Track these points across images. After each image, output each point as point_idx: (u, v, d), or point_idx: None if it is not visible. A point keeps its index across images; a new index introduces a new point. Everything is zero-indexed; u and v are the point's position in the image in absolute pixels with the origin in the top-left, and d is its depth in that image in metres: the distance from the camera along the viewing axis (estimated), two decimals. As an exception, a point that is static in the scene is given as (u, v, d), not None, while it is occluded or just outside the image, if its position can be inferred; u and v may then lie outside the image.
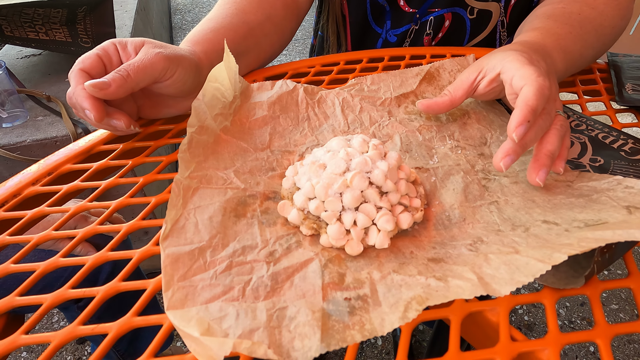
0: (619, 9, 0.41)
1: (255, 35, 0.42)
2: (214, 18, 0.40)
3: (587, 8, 0.40)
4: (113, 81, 0.28)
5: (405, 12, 0.48)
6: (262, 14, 0.43)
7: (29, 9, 0.87)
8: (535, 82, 0.25)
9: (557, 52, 0.35)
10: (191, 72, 0.33)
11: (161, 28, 2.49)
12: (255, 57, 0.43)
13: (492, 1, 0.46)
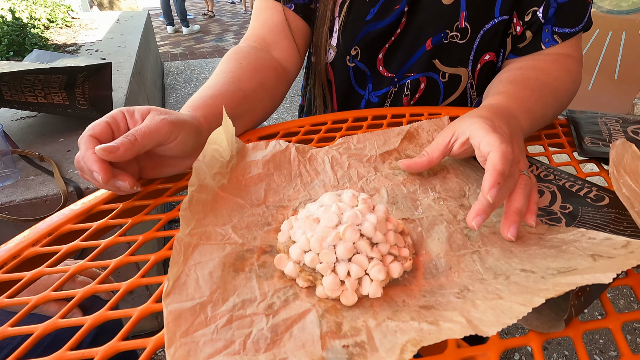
0: (570, 75, 0.47)
1: (249, 101, 0.46)
2: (212, 86, 0.43)
3: (543, 74, 0.46)
4: (122, 145, 0.30)
5: (385, 76, 0.54)
6: (256, 82, 0.47)
7: (30, 76, 0.92)
8: (499, 148, 0.29)
9: (521, 113, 0.39)
10: (192, 135, 0.35)
11: (154, 89, 2.61)
12: (250, 120, 0.47)
13: (460, 67, 0.52)
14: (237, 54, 0.49)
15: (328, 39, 0.53)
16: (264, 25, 0.52)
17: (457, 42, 0.50)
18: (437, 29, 0.49)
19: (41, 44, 1.71)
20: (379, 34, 0.50)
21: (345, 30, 0.51)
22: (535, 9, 0.47)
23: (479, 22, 0.49)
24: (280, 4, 0.51)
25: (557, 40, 0.48)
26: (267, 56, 0.51)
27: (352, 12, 0.50)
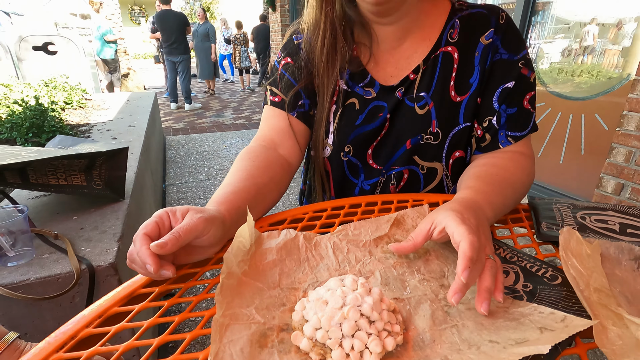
0: (523, 171, 0.58)
1: (262, 193, 0.55)
2: (232, 183, 0.52)
3: (502, 171, 0.56)
4: (169, 241, 0.37)
5: (374, 168, 0.65)
6: (267, 177, 0.57)
7: (56, 161, 1.02)
8: (467, 238, 0.37)
9: (486, 204, 0.48)
10: (220, 228, 0.43)
11: (157, 164, 2.75)
12: (263, 209, 0.55)
13: (436, 162, 0.63)
14: (250, 154, 0.60)
15: (325, 138, 0.64)
16: (272, 128, 0.64)
17: (431, 143, 0.61)
18: (414, 133, 0.61)
19: (58, 125, 1.85)
20: (367, 135, 0.62)
21: (339, 132, 0.63)
22: (490, 118, 0.60)
23: (447, 127, 0.61)
24: (285, 112, 0.63)
25: (510, 141, 0.60)
26: (275, 154, 0.62)
27: (344, 118, 0.63)
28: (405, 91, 0.62)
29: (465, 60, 0.60)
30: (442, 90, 0.61)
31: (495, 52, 0.59)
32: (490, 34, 0.59)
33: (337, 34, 0.60)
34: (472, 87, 0.60)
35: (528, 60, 0.60)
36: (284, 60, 0.66)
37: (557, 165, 2.06)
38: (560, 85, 2.00)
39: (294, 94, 0.63)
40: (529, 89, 0.60)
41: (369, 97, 0.63)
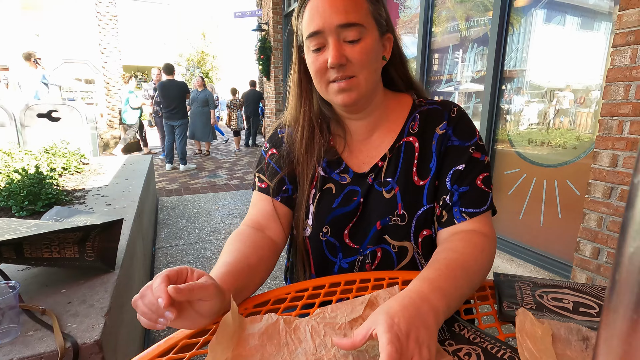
0: (476, 248, 0.59)
1: (253, 274, 0.60)
2: (227, 263, 0.58)
3: (456, 254, 0.57)
4: (185, 288, 0.43)
5: (352, 247, 0.71)
6: (257, 258, 0.62)
7: (51, 234, 1.06)
8: (386, 350, 0.37)
9: (434, 293, 0.48)
10: (221, 302, 0.49)
11: (149, 227, 2.76)
12: (253, 287, 0.61)
13: (405, 241, 0.69)
14: (241, 236, 0.66)
15: (305, 219, 0.71)
16: (259, 212, 0.71)
17: (399, 224, 0.68)
18: (383, 215, 0.68)
19: (54, 192, 1.91)
20: (343, 217, 0.69)
21: (318, 214, 0.70)
22: (445, 197, 0.67)
23: (412, 209, 0.68)
24: (270, 197, 0.71)
25: (465, 217, 0.64)
26: (263, 235, 0.68)
27: (322, 201, 0.70)
28: (375, 177, 0.70)
29: (425, 149, 0.69)
30: (406, 175, 0.69)
31: (448, 140, 0.68)
32: (444, 126, 0.68)
33: (314, 128, 0.70)
34: (432, 171, 0.68)
35: (480, 145, 0.68)
36: (270, 151, 0.75)
37: (538, 228, 2.13)
38: (532, 152, 2.16)
39: (279, 181, 0.72)
40: (482, 170, 0.66)
41: (344, 182, 0.71)
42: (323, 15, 0.60)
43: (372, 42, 0.62)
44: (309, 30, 0.62)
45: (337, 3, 0.60)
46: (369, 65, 0.63)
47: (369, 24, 0.62)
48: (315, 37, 0.62)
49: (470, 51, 2.61)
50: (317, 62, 0.63)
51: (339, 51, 0.60)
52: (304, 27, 0.63)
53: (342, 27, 0.60)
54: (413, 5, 3.10)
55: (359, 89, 0.64)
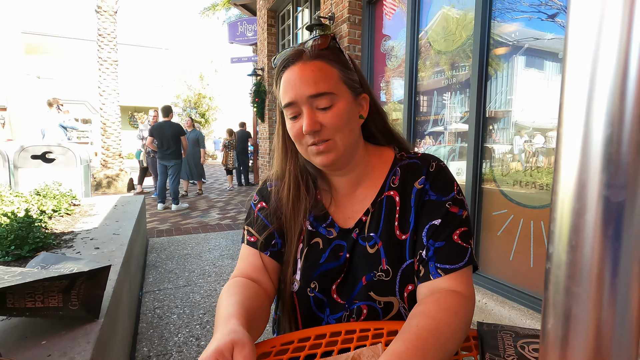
0: (449, 311, 0.57)
1: (255, 320, 0.61)
2: (234, 315, 0.56)
3: (423, 319, 0.55)
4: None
5: (339, 303, 0.71)
6: (257, 304, 0.64)
7: (36, 283, 1.04)
8: None
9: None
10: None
11: (137, 270, 2.71)
12: (256, 334, 0.61)
13: (391, 296, 0.69)
14: (238, 283, 0.67)
15: (293, 274, 0.72)
16: (249, 266, 0.72)
17: (383, 279, 0.68)
18: (368, 270, 0.69)
19: (42, 236, 1.89)
20: (331, 272, 0.70)
21: (306, 269, 0.71)
22: (421, 252, 0.67)
23: (396, 264, 0.69)
24: (259, 251, 0.72)
25: (440, 273, 0.63)
26: (257, 286, 0.69)
27: (310, 256, 0.72)
28: (359, 232, 0.72)
29: (405, 202, 0.71)
30: (388, 229, 0.70)
31: (425, 194, 0.69)
32: (422, 180, 0.70)
33: (300, 185, 0.73)
34: (411, 225, 0.69)
35: (458, 200, 0.68)
36: (259, 204, 0.78)
37: (528, 269, 2.14)
38: (518, 192, 2.22)
39: (268, 235, 0.73)
40: (459, 225, 0.66)
41: (331, 237, 0.73)
42: (294, 88, 0.64)
43: (344, 106, 0.66)
44: (284, 100, 0.66)
45: (307, 75, 0.64)
46: (343, 127, 0.66)
47: (340, 90, 0.66)
48: (290, 107, 0.66)
49: (455, 94, 2.75)
50: (294, 128, 0.67)
51: (312, 119, 0.64)
52: (280, 97, 0.68)
53: (313, 97, 0.64)
54: (399, 55, 3.30)
55: (336, 150, 0.67)
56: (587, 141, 0.16)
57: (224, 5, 14.50)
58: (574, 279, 0.17)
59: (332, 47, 0.68)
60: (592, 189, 0.17)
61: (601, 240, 0.17)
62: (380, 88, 3.60)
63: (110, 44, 8.13)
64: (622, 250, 0.17)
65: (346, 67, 0.68)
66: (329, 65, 0.66)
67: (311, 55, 0.66)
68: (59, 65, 18.56)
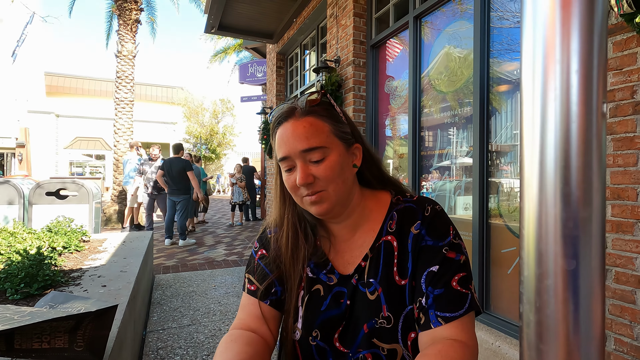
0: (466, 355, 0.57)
1: None
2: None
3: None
4: None
5: (342, 351, 0.69)
6: (252, 352, 0.63)
7: (44, 323, 1.05)
8: None
9: None
10: None
11: (142, 308, 2.68)
12: None
13: (394, 343, 0.67)
14: (235, 341, 0.66)
15: (294, 323, 0.72)
16: (249, 315, 0.73)
17: (385, 326, 0.67)
18: (369, 318, 0.68)
19: (51, 274, 1.91)
20: (332, 320, 0.70)
21: (307, 318, 0.71)
22: (421, 299, 0.65)
23: (397, 310, 0.67)
24: (258, 300, 0.73)
25: (440, 321, 0.61)
26: (256, 336, 0.69)
27: (311, 304, 0.72)
28: (359, 277, 0.71)
29: (403, 247, 0.70)
30: (387, 275, 0.69)
31: (422, 239, 0.68)
32: (418, 225, 0.69)
33: (298, 234, 0.74)
34: (409, 271, 0.69)
35: (454, 244, 0.67)
36: (259, 252, 0.79)
37: (505, 275, 2.07)
38: (527, 230, 2.19)
39: (268, 284, 0.74)
40: (458, 270, 0.65)
41: (331, 284, 0.72)
42: (287, 143, 0.67)
43: (336, 158, 0.68)
44: (279, 155, 0.70)
45: (299, 131, 0.66)
46: (335, 178, 0.67)
47: (332, 143, 0.68)
48: (285, 161, 0.68)
49: (459, 129, 2.81)
50: (289, 181, 0.69)
51: (305, 172, 0.66)
52: (276, 150, 0.71)
53: (305, 152, 0.66)
54: (403, 94, 3.42)
55: (329, 200, 0.68)
56: (544, 219, 0.19)
57: (235, 49, 15.30)
58: (542, 337, 0.19)
59: (324, 103, 0.71)
60: (550, 258, 0.19)
61: (562, 302, 0.19)
62: (385, 126, 3.70)
63: (128, 85, 8.57)
64: (580, 311, 0.19)
65: (337, 121, 0.71)
66: (320, 121, 0.68)
67: (303, 112, 0.68)
68: (76, 104, 19.46)
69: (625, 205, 1.52)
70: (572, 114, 0.19)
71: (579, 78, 0.19)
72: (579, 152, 0.18)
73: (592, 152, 0.18)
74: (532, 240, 0.20)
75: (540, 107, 0.20)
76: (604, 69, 0.20)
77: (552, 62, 0.20)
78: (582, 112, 0.19)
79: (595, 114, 0.19)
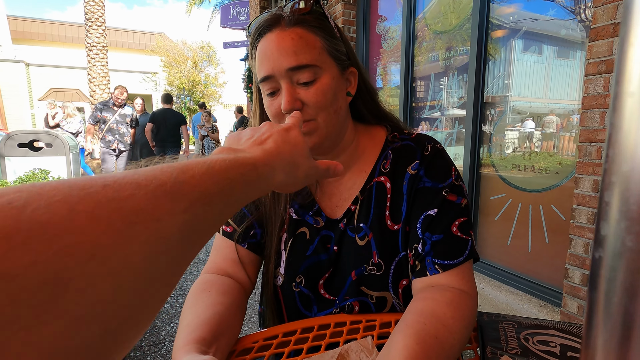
0: (455, 314, 0.50)
1: (226, 320, 0.54)
2: (193, 324, 0.51)
3: (439, 325, 0.48)
4: None
5: (327, 299, 0.64)
6: (228, 302, 0.57)
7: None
8: None
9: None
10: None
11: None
12: (231, 336, 0.55)
13: (384, 291, 0.62)
14: (207, 289, 0.59)
15: (277, 268, 0.66)
16: (225, 259, 0.66)
17: (375, 273, 0.62)
18: (358, 264, 0.62)
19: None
20: (318, 266, 0.64)
21: (290, 262, 0.65)
22: (416, 246, 0.59)
23: (389, 257, 0.62)
24: (235, 243, 0.66)
25: (438, 269, 0.56)
26: (232, 281, 0.63)
27: (295, 248, 0.65)
28: (347, 222, 0.64)
29: (397, 190, 0.63)
30: (379, 220, 0.63)
31: (419, 181, 0.62)
32: (416, 165, 0.62)
33: None
34: (403, 215, 0.62)
35: (456, 186, 0.61)
36: None
37: (526, 254, 2.11)
38: (517, 177, 2.17)
39: (247, 226, 0.66)
40: (458, 215, 0.59)
41: (318, 226, 0.66)
42: (271, 59, 0.56)
43: (329, 82, 0.58)
44: (260, 75, 0.58)
45: (286, 45, 0.55)
46: (328, 106, 0.58)
47: (325, 63, 0.57)
48: (267, 81, 0.58)
49: (452, 79, 2.67)
50: (272, 106, 0.59)
51: (292, 96, 0.56)
52: (256, 70, 0.59)
53: (293, 70, 0.55)
54: (395, 36, 3.20)
55: (319, 133, 0.58)
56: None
57: (216, -12, 14.11)
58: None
59: (315, 12, 0.59)
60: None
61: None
62: (375, 71, 3.50)
63: (99, 29, 7.91)
64: None
65: (331, 36, 0.59)
66: (311, 33, 0.57)
67: (290, 21, 0.57)
68: (48, 52, 18.14)
69: None
70: None
71: None
72: None
73: None
74: None
75: None
76: None
77: None
78: None
79: None
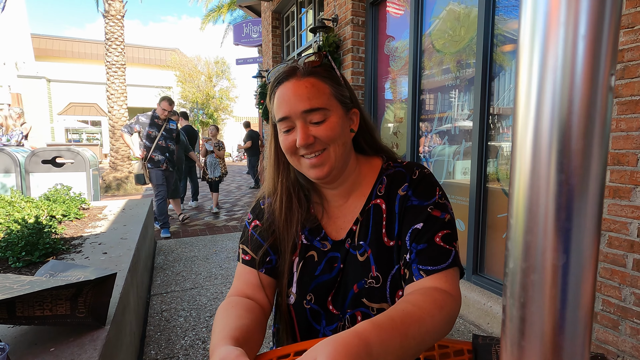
0: (435, 303, 0.56)
1: (251, 335, 0.61)
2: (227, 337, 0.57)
3: (410, 305, 0.55)
4: None
5: (334, 313, 0.73)
6: (250, 319, 0.64)
7: (45, 291, 1.07)
8: None
9: (375, 340, 0.46)
10: None
11: (144, 273, 2.75)
12: (256, 351, 0.62)
13: (383, 302, 0.70)
14: (233, 306, 0.67)
15: (289, 287, 0.74)
16: (245, 284, 0.74)
17: (374, 286, 0.70)
18: (359, 278, 0.70)
19: (52, 242, 1.93)
20: (326, 284, 0.72)
21: (301, 282, 0.73)
22: (405, 256, 0.67)
23: (385, 270, 0.70)
24: (255, 269, 0.74)
25: (422, 274, 0.63)
26: (253, 302, 0.71)
27: (305, 269, 0.73)
28: (351, 241, 0.73)
29: (390, 210, 0.72)
30: (377, 237, 0.71)
31: (407, 200, 0.70)
32: (405, 187, 0.72)
33: (292, 198, 0.75)
34: (395, 231, 0.71)
35: (440, 204, 0.69)
36: (253, 223, 0.79)
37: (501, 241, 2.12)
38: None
39: (263, 253, 0.75)
40: (442, 228, 0.66)
41: (325, 249, 0.74)
42: (289, 103, 0.67)
43: (336, 120, 0.68)
44: (278, 115, 0.69)
45: (301, 91, 0.66)
46: (336, 139, 0.68)
47: (332, 105, 0.68)
48: (285, 121, 0.68)
49: (460, 93, 2.73)
50: (287, 141, 0.69)
51: (306, 133, 0.66)
52: (274, 111, 0.70)
53: (307, 112, 0.66)
54: (403, 55, 3.29)
55: (329, 162, 0.69)
56: (534, 209, 0.17)
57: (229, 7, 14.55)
58: (524, 334, 0.18)
59: (325, 65, 0.70)
60: (538, 251, 0.17)
61: (549, 299, 0.17)
62: (384, 89, 3.59)
63: (118, 48, 8.25)
64: (567, 309, 0.17)
65: (337, 84, 0.71)
66: (321, 82, 0.68)
67: (305, 72, 0.68)
68: (68, 68, 18.87)
69: (625, 171, 1.51)
70: (575, 88, 0.16)
71: (586, 44, 0.16)
72: (579, 135, 0.16)
73: (593, 135, 0.16)
74: (520, 230, 0.18)
75: (537, 79, 0.17)
76: (616, 34, 0.17)
77: (555, 25, 0.17)
78: (586, 87, 0.16)
79: (600, 90, 0.16)
